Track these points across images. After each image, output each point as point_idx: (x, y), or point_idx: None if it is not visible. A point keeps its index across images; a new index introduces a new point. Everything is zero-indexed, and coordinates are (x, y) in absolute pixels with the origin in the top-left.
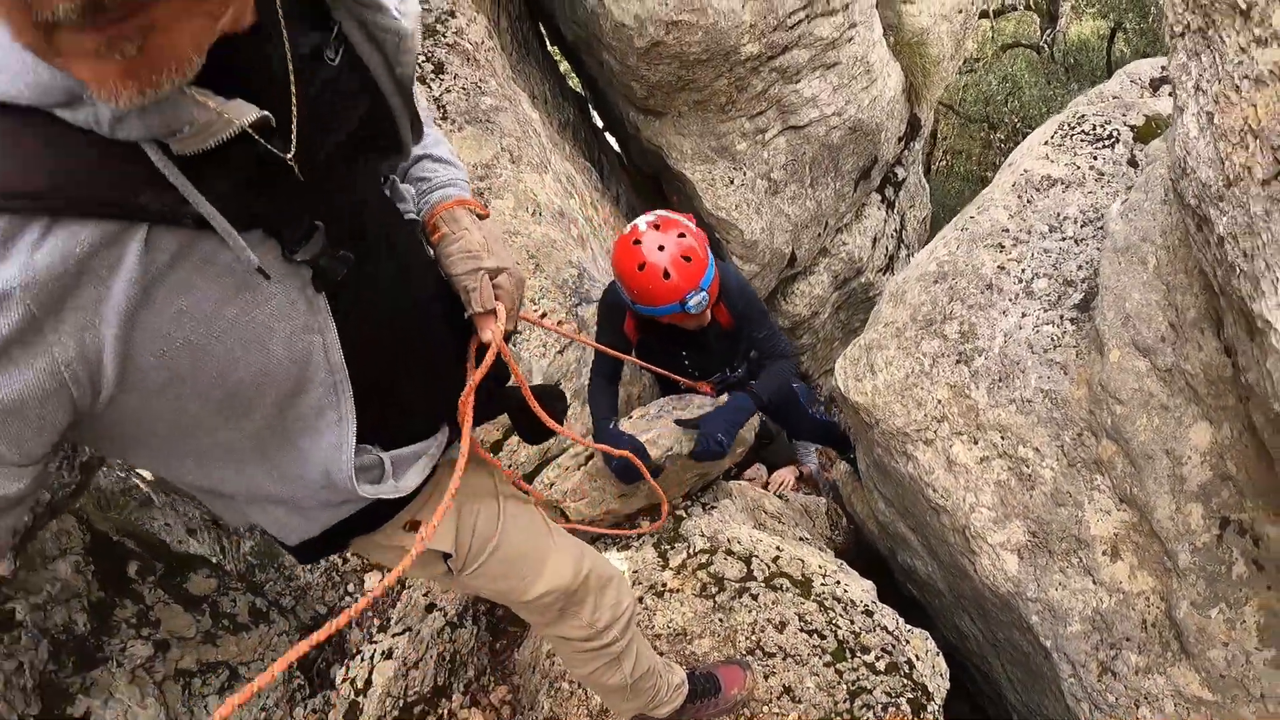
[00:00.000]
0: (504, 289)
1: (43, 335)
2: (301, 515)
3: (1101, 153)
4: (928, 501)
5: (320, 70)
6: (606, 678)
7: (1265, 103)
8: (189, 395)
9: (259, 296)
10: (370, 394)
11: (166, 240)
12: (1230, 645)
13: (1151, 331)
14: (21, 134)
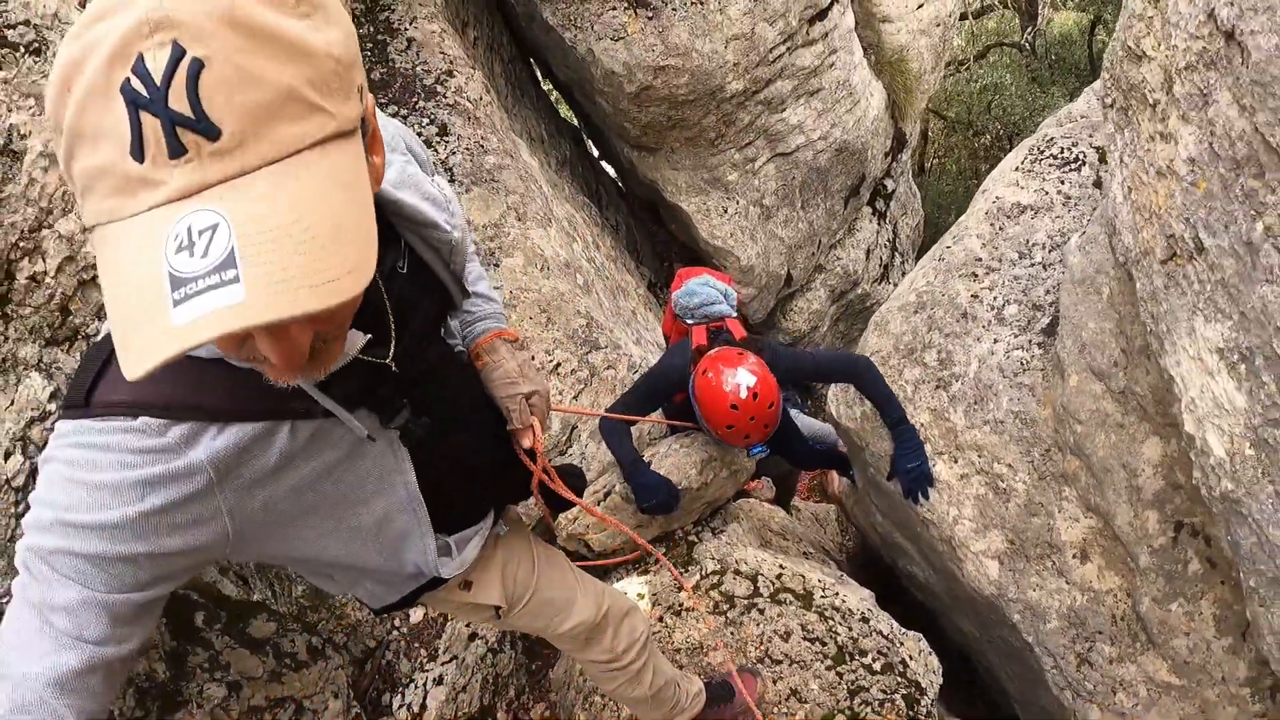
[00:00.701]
0: (538, 408)
1: (216, 495)
2: (389, 588)
3: (1069, 176)
4: (916, 515)
5: (396, 280)
6: (629, 691)
7: (1165, 192)
8: (315, 523)
9: (363, 453)
10: (440, 500)
11: (304, 428)
12: (1191, 635)
13: (1105, 357)
14: (204, 371)
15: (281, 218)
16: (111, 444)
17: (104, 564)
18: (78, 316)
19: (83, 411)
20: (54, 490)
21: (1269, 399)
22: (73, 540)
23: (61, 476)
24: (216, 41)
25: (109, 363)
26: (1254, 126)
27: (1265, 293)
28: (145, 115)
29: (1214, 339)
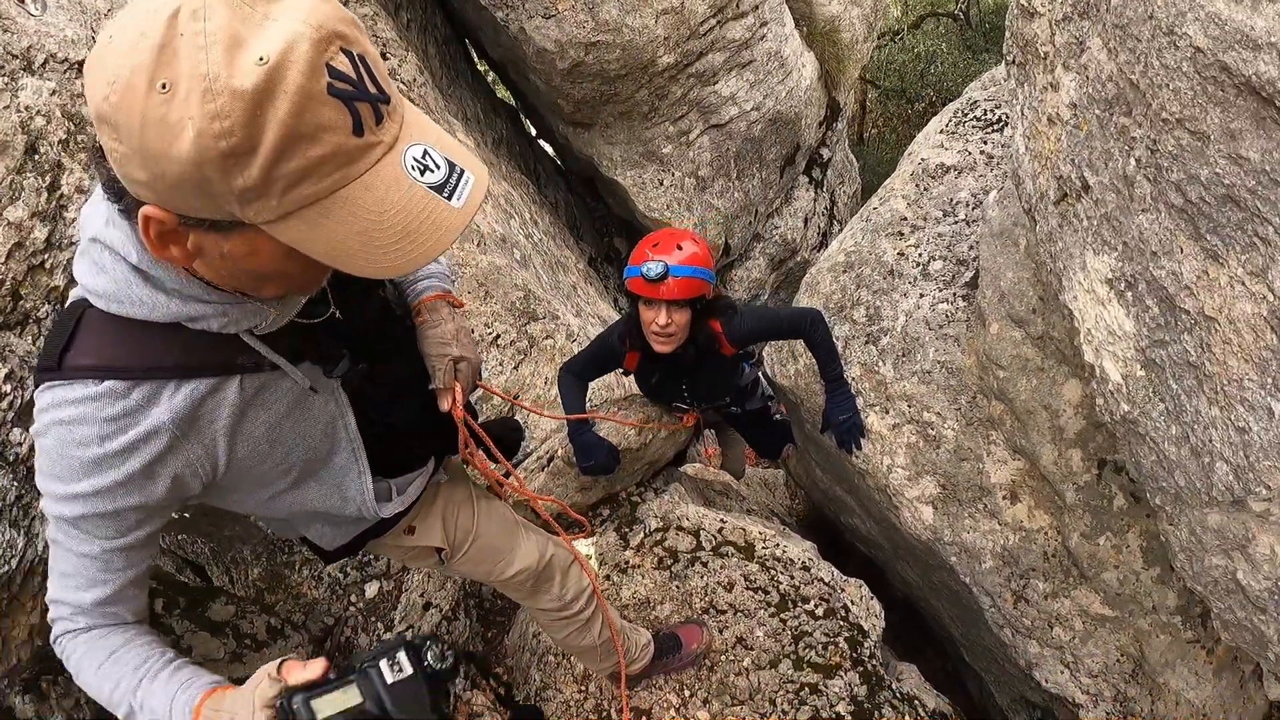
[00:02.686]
0: (463, 374)
1: (183, 447)
2: (337, 529)
3: (991, 137)
4: (852, 466)
5: None
6: (579, 640)
7: (1054, 137)
8: (267, 468)
9: (309, 402)
10: (380, 444)
11: (251, 381)
12: (1120, 567)
13: (1024, 305)
14: (158, 336)
15: (443, 137)
16: (85, 415)
17: (107, 519)
18: (28, 301)
19: (56, 375)
20: (55, 465)
21: (1153, 321)
22: (80, 506)
23: (55, 453)
24: (357, 38)
25: (77, 329)
26: (1118, 67)
27: (1141, 221)
28: (358, 104)
29: (1103, 270)
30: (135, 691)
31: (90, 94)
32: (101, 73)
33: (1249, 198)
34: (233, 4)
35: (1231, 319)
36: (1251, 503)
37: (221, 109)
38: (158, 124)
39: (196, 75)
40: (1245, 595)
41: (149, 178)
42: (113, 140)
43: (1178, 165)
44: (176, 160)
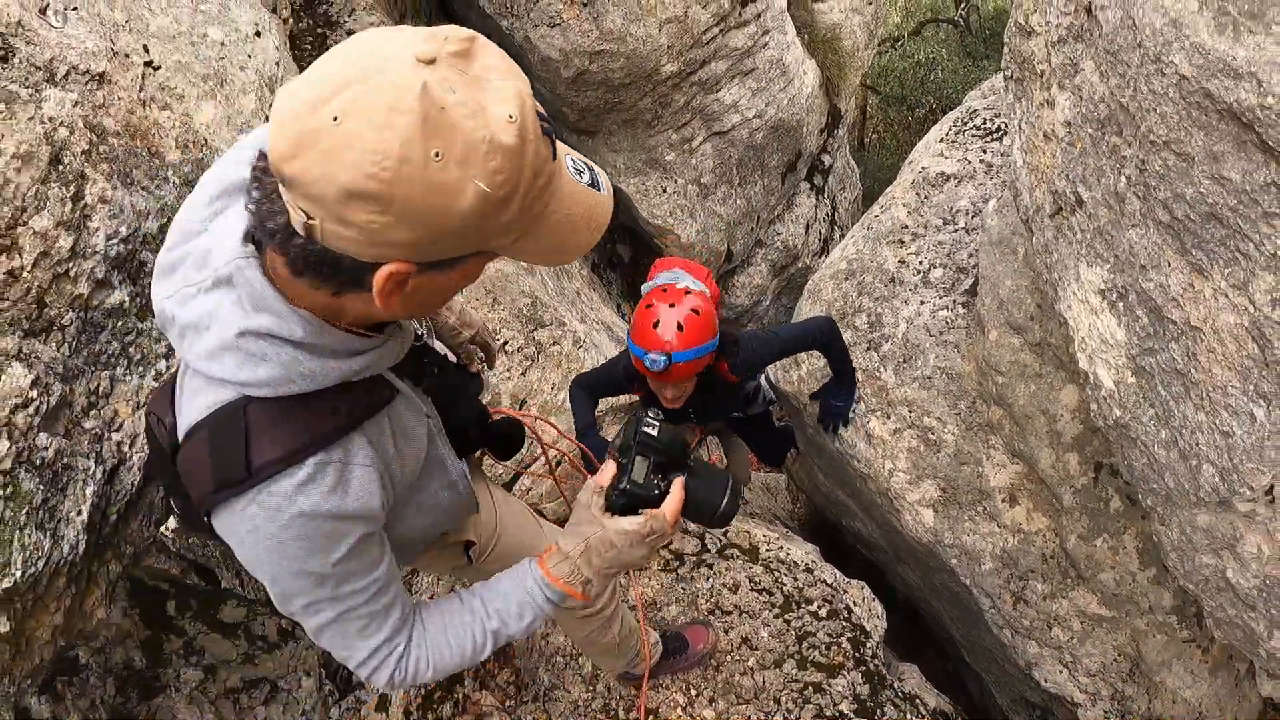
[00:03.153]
0: (479, 341)
1: (384, 479)
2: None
3: (990, 145)
4: (854, 471)
5: None
6: (600, 638)
7: (1049, 153)
8: (409, 479)
9: (416, 411)
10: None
11: (392, 410)
12: (1117, 568)
13: (1022, 312)
14: (322, 401)
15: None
16: (315, 499)
17: (369, 554)
18: (52, 309)
19: (251, 483)
20: (309, 550)
21: (1143, 330)
22: (347, 565)
23: (304, 541)
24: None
25: (249, 432)
26: (1109, 90)
27: (1131, 236)
28: (553, 138)
29: (1096, 281)
30: (486, 619)
31: (341, 178)
32: (354, 154)
33: (1231, 215)
34: (457, 71)
35: (1216, 329)
36: (1237, 503)
37: (499, 165)
38: (439, 188)
39: (475, 140)
40: (1235, 593)
41: (414, 238)
42: (372, 214)
43: (1165, 184)
44: (457, 215)
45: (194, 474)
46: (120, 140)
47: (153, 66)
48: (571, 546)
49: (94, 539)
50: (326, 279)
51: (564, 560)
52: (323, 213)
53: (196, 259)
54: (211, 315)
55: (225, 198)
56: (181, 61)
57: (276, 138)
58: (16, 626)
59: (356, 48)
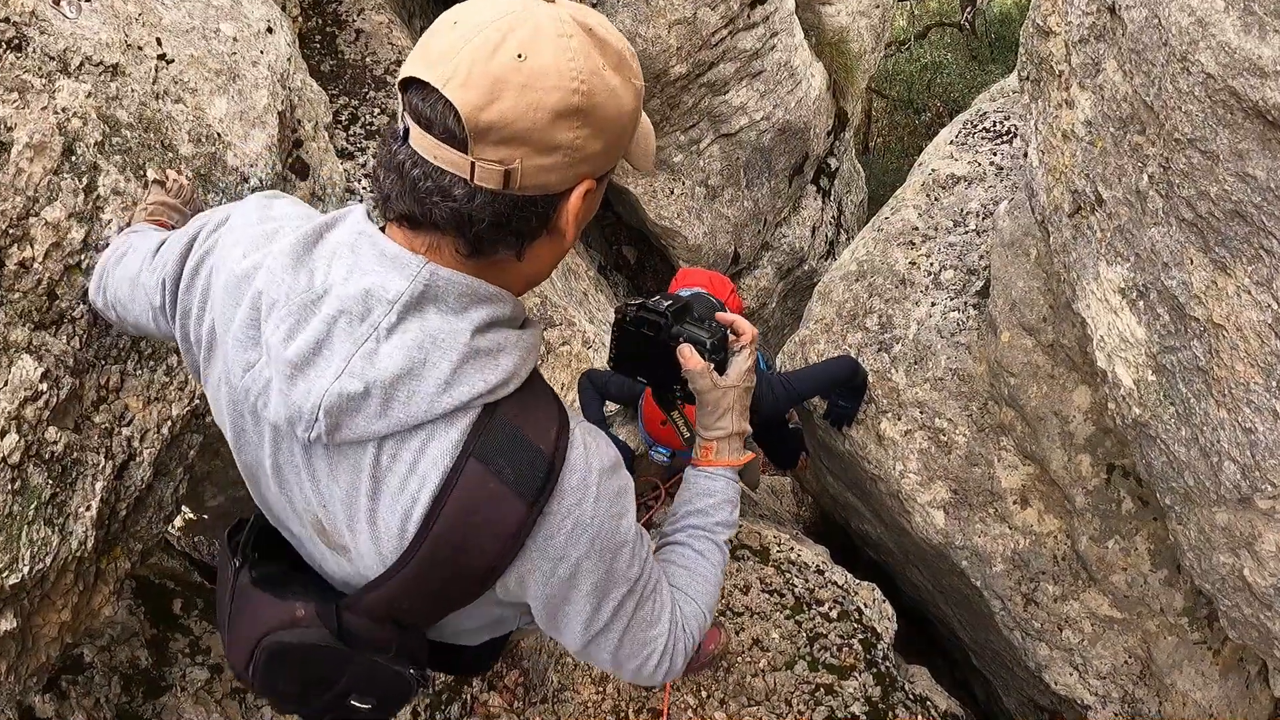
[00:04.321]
0: None
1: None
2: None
3: (1000, 148)
4: (865, 472)
5: None
6: None
7: (1069, 152)
8: None
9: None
10: None
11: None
12: (1129, 570)
13: (1035, 313)
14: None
15: None
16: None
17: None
18: (64, 300)
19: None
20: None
21: (1164, 328)
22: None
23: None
24: None
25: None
26: (1133, 89)
27: (1153, 234)
28: None
29: (1116, 280)
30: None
31: (550, 101)
32: (552, 79)
33: (1255, 213)
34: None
35: (1239, 326)
36: (1258, 500)
37: (636, 69)
38: (616, 92)
39: (619, 49)
40: (1252, 592)
41: (602, 145)
42: (576, 129)
43: (1189, 182)
44: (628, 114)
45: (485, 519)
46: (133, 132)
47: (166, 60)
48: (726, 427)
49: (103, 535)
50: (516, 232)
51: (727, 441)
52: (525, 149)
53: (348, 316)
54: (421, 345)
55: (304, 257)
56: (194, 56)
57: (464, 92)
58: (23, 624)
59: (469, 7)
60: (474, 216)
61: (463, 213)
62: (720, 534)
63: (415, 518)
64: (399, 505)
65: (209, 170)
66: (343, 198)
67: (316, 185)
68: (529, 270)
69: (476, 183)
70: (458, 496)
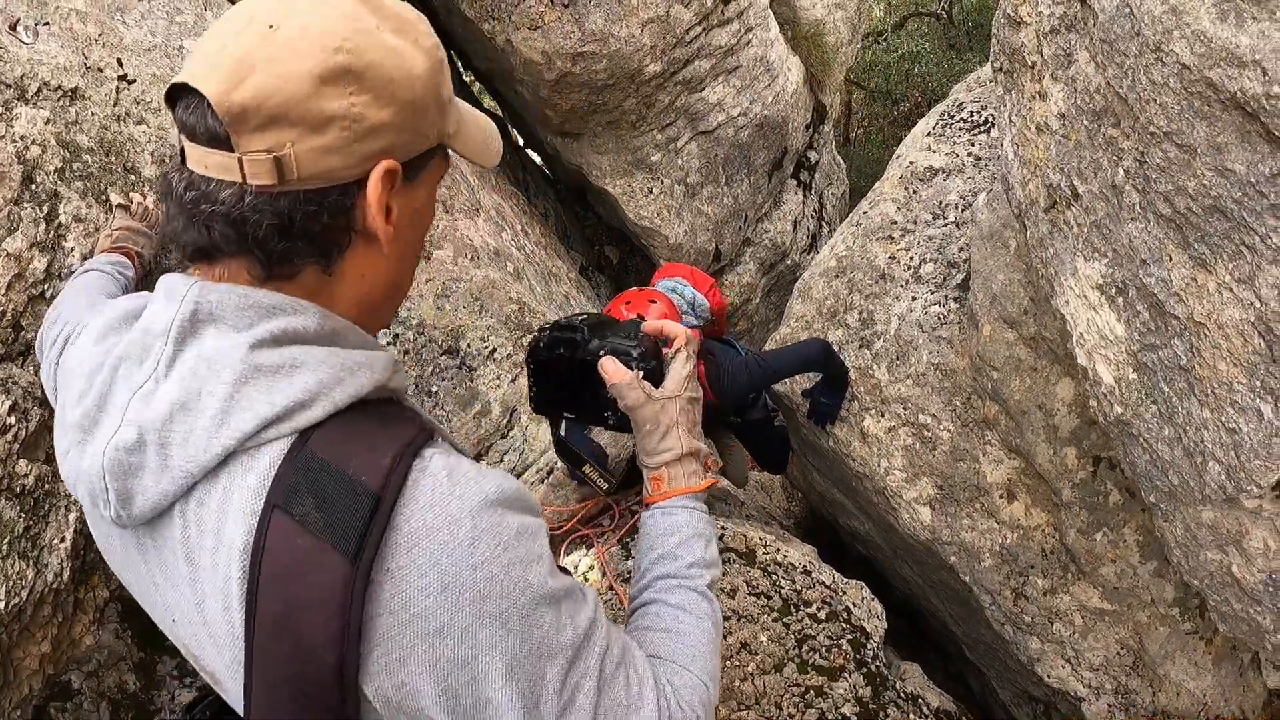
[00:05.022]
0: None
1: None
2: None
3: (978, 138)
4: (850, 470)
5: None
6: None
7: (1043, 145)
8: None
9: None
10: None
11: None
12: (1118, 562)
13: (1015, 306)
14: (379, 415)
15: None
16: (493, 493)
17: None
18: (29, 331)
19: (395, 510)
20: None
21: (1144, 326)
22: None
23: (522, 575)
24: None
25: (340, 463)
26: (1106, 81)
27: (1131, 229)
28: None
29: (1094, 276)
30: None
31: (306, 66)
32: (308, 42)
33: (1235, 208)
34: None
35: (1220, 324)
36: (1244, 500)
37: (426, 30)
38: (396, 52)
39: (399, 10)
40: (1240, 588)
41: (393, 116)
42: (350, 93)
43: (1166, 177)
44: (419, 79)
45: (305, 588)
46: (94, 157)
47: (127, 80)
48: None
49: (79, 565)
50: (309, 236)
51: (679, 464)
52: (294, 130)
53: (129, 362)
54: (195, 373)
55: (118, 327)
56: (157, 74)
57: (210, 76)
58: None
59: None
60: (248, 219)
61: (236, 217)
62: (698, 578)
63: (235, 603)
64: (218, 590)
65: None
66: None
67: None
68: (352, 291)
69: (248, 181)
70: (270, 562)
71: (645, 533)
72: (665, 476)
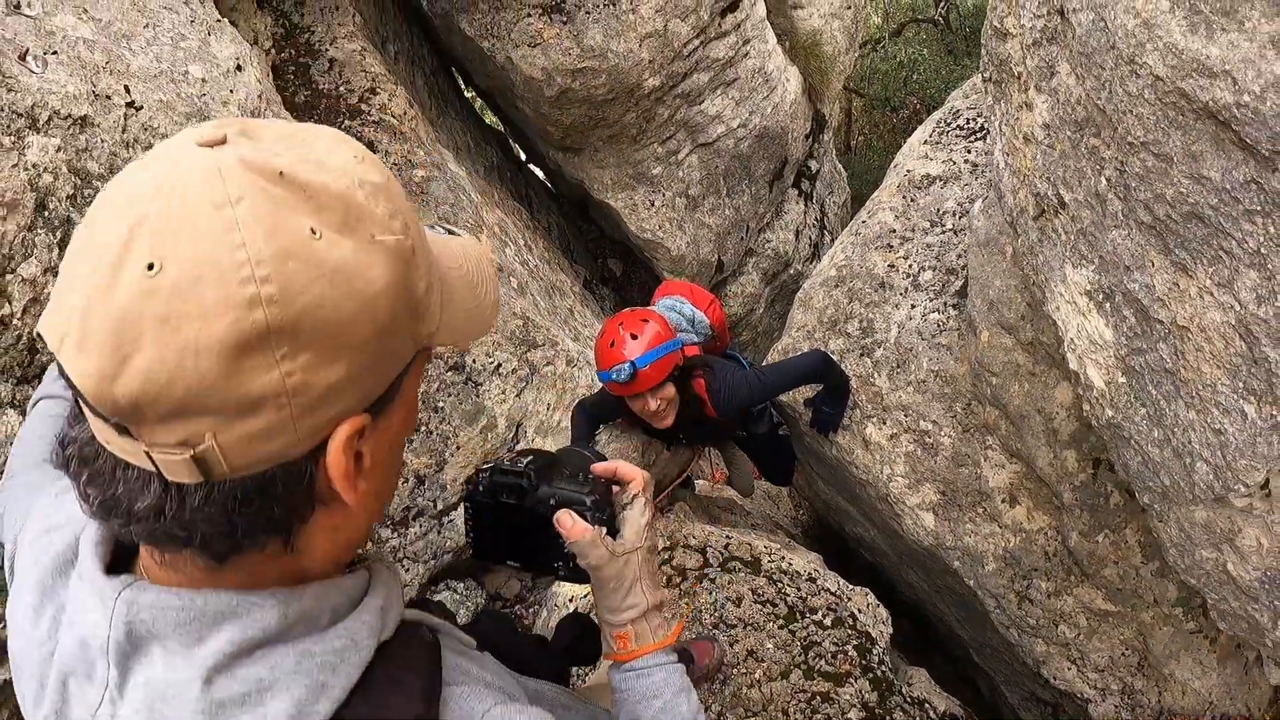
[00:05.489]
0: None
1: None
2: None
3: (974, 145)
4: (853, 477)
5: None
6: None
7: (1030, 155)
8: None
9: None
10: None
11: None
12: (1120, 563)
13: (1013, 312)
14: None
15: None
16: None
17: None
18: (44, 354)
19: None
20: None
21: (1130, 330)
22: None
23: None
24: None
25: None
26: (1086, 92)
27: (1114, 236)
28: None
29: (1082, 282)
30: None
31: (214, 332)
32: (209, 291)
33: (1212, 214)
34: (255, 140)
35: (1203, 328)
36: (1234, 499)
37: (390, 208)
38: (342, 272)
39: (341, 192)
40: (1237, 586)
41: (348, 366)
42: (283, 360)
43: (1145, 185)
44: (381, 295)
45: None
46: (105, 182)
47: (134, 107)
48: (639, 604)
49: None
50: (265, 524)
51: (644, 620)
52: (209, 419)
53: (76, 678)
54: (151, 708)
55: (50, 592)
56: (163, 100)
57: (82, 358)
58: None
59: (119, 179)
60: (178, 520)
61: (160, 522)
62: None
63: None
64: None
65: None
66: None
67: None
68: (322, 549)
69: (167, 476)
70: None
71: (622, 699)
72: (631, 634)
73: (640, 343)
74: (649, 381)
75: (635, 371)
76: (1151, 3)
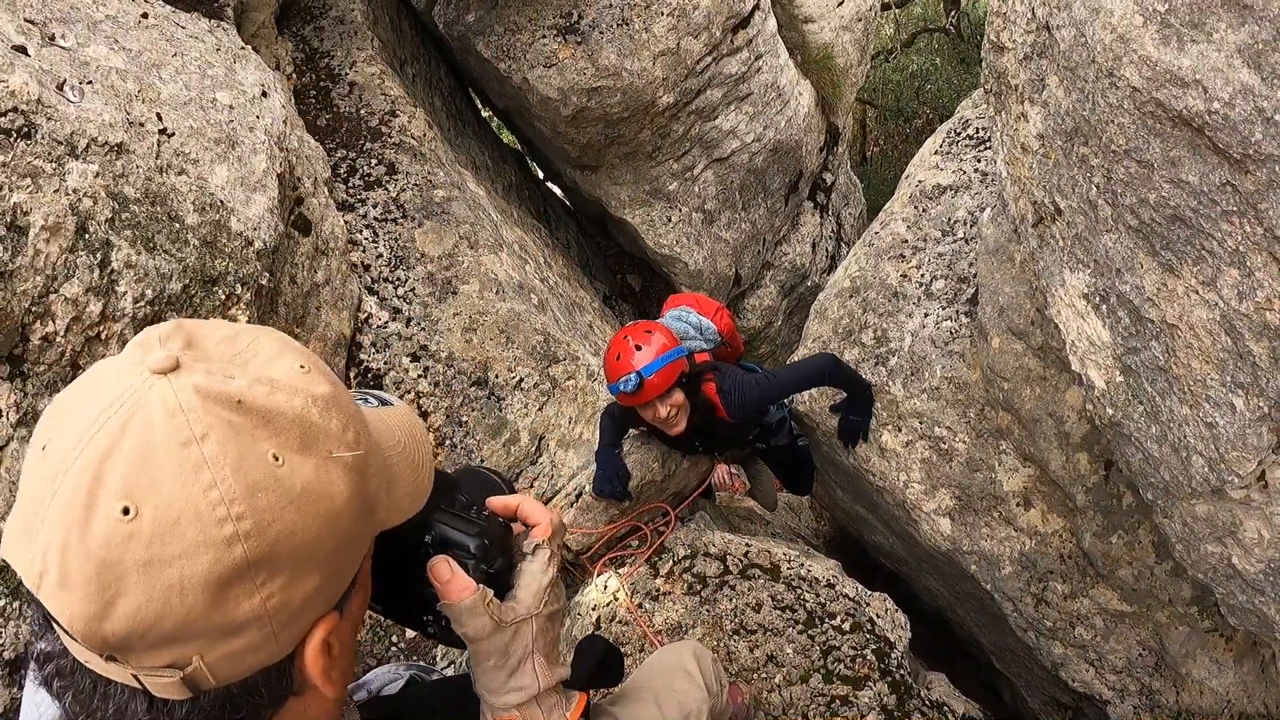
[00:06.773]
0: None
1: None
2: None
3: (984, 154)
4: (870, 485)
5: None
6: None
7: (1028, 165)
8: None
9: None
10: None
11: None
12: (1134, 563)
13: (1022, 318)
14: None
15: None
16: None
17: None
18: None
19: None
20: None
21: (1125, 331)
22: None
23: None
24: None
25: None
26: (1073, 104)
27: (1106, 240)
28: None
29: (1079, 286)
30: None
31: (197, 571)
32: (189, 531)
33: (1193, 216)
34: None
35: (1191, 325)
36: (1230, 491)
37: (342, 421)
38: (308, 495)
39: (296, 414)
40: (1243, 579)
41: (320, 579)
42: (259, 589)
43: (1130, 190)
44: (345, 510)
45: None
46: (141, 207)
47: (166, 134)
48: (528, 687)
49: None
50: (249, 713)
51: (534, 705)
52: (196, 643)
53: None
54: None
55: None
56: (194, 126)
57: (65, 598)
58: None
59: (68, 403)
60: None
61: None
62: None
63: None
64: None
65: (215, 237)
66: (345, 249)
67: (319, 240)
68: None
69: (154, 694)
70: None
71: None
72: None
73: (645, 353)
74: (656, 389)
75: (642, 380)
76: (1126, 18)
